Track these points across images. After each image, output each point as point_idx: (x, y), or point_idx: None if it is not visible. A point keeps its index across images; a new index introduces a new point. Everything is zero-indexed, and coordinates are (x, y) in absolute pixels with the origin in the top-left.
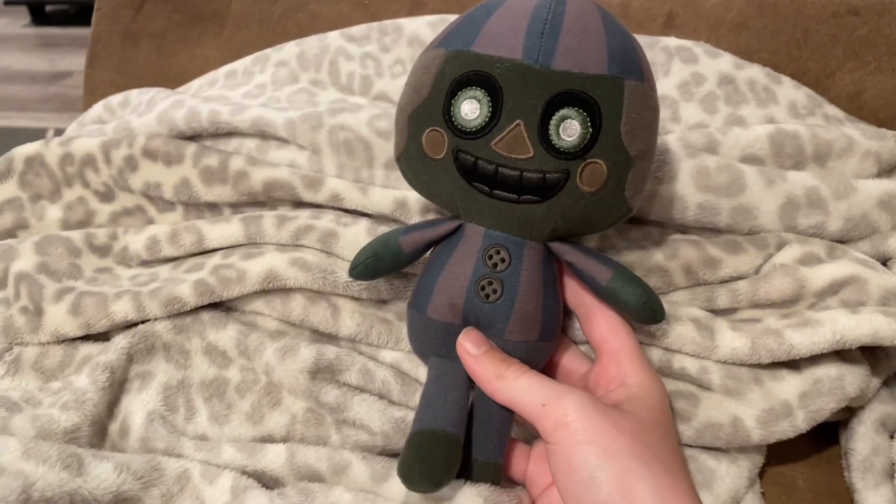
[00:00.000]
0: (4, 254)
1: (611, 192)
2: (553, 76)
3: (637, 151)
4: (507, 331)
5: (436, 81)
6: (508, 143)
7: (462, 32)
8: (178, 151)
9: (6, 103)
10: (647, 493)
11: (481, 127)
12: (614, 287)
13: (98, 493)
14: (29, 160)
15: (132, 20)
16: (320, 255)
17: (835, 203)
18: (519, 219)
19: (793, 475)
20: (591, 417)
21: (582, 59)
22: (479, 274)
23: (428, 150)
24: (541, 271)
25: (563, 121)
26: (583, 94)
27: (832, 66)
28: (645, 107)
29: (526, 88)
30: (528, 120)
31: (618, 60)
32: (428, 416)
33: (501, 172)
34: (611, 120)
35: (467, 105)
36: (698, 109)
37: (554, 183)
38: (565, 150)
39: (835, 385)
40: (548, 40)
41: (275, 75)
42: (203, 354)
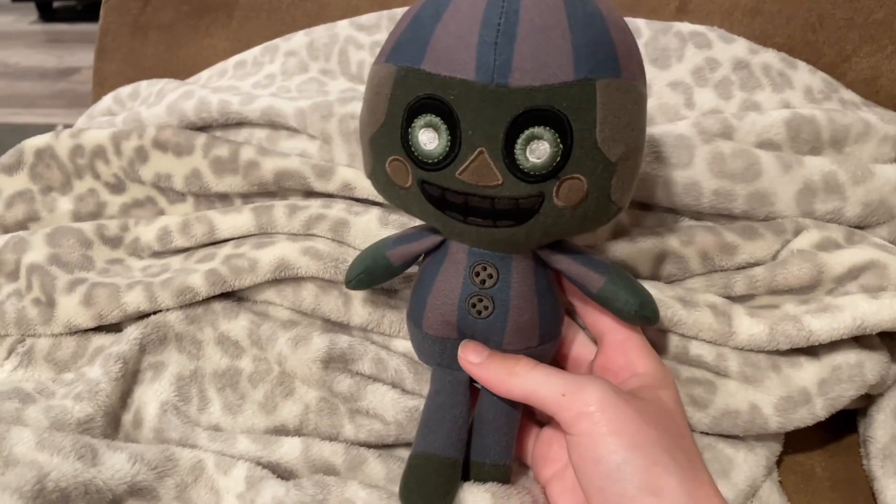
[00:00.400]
0: (16, 246)
1: (595, 201)
2: (512, 95)
3: (619, 155)
4: (505, 342)
5: (390, 105)
6: (473, 172)
7: (411, 42)
8: (189, 142)
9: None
10: (674, 483)
11: (442, 157)
12: (606, 295)
13: (112, 483)
14: (39, 152)
15: (141, 12)
16: (332, 244)
17: (852, 188)
18: (499, 240)
19: (811, 463)
20: (614, 407)
21: (543, 67)
22: (467, 292)
23: (394, 179)
24: (532, 281)
25: (530, 142)
26: (548, 109)
27: (848, 51)
28: (623, 104)
29: (484, 112)
30: (490, 146)
31: (586, 59)
32: (428, 439)
33: (471, 201)
34: (584, 130)
35: (424, 134)
36: (713, 95)
37: (528, 207)
38: (536, 171)
39: (854, 372)
40: (502, 51)
41: (284, 65)
42: (215, 344)
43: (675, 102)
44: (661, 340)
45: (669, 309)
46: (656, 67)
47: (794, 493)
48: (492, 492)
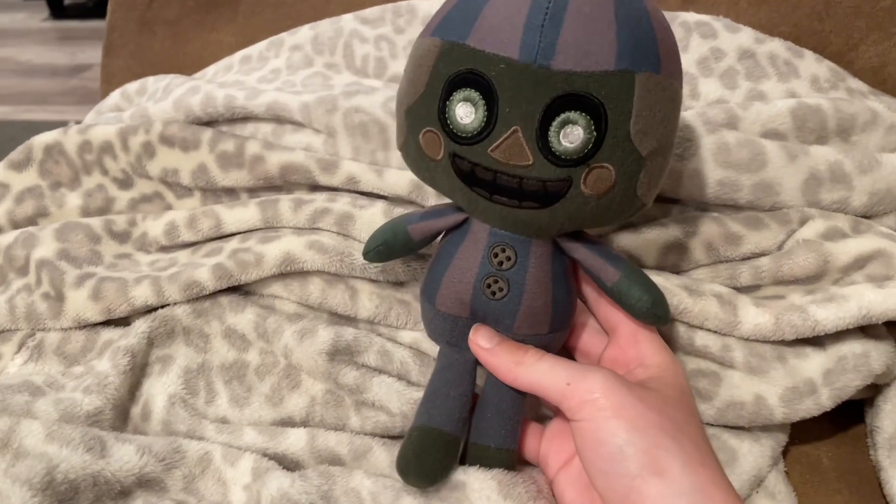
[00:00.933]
0: (26, 241)
1: (620, 193)
2: (553, 77)
3: (650, 150)
4: (516, 326)
5: (431, 78)
6: (505, 150)
7: (458, 19)
8: (195, 137)
9: (27, 97)
10: (677, 467)
11: (477, 132)
12: (620, 289)
13: (121, 474)
14: (48, 148)
15: (147, 8)
16: (337, 237)
17: (859, 177)
18: (523, 221)
19: (817, 454)
20: (617, 393)
21: (586, 54)
22: (484, 272)
23: (426, 150)
24: (549, 267)
25: (565, 126)
26: (586, 95)
27: (855, 39)
28: (660, 100)
29: (523, 92)
30: (525, 126)
31: (629, 51)
32: (429, 412)
33: (500, 179)
34: (619, 120)
35: (462, 108)
36: (718, 85)
37: (556, 191)
38: (567, 156)
39: (860, 362)
40: (548, 34)
41: (289, 59)
42: (222, 338)
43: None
44: (668, 330)
45: (675, 297)
46: None
47: (800, 484)
48: (498, 479)
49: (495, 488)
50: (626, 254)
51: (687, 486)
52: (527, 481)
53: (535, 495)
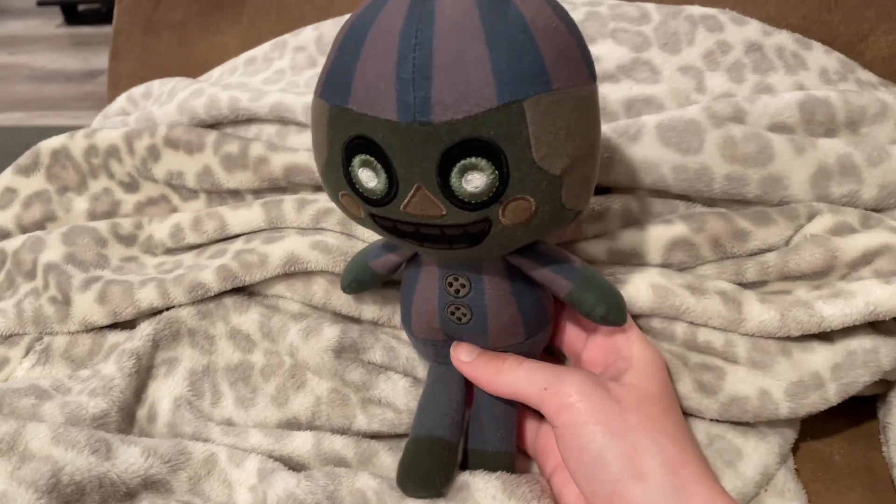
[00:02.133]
0: (33, 245)
1: (547, 213)
2: (437, 131)
3: (564, 167)
4: (491, 342)
5: (329, 144)
6: (416, 206)
7: (336, 78)
8: (199, 139)
9: (42, 103)
10: (657, 467)
11: (384, 193)
12: (573, 300)
13: (126, 476)
14: (55, 153)
15: (153, 11)
16: (341, 237)
17: (869, 170)
18: (462, 257)
19: (829, 451)
20: (592, 397)
21: (463, 98)
22: (444, 301)
23: (349, 209)
24: (506, 285)
25: (465, 173)
26: (475, 140)
27: (865, 29)
28: (559, 117)
29: (413, 151)
30: (426, 182)
31: (510, 80)
32: (421, 423)
33: (422, 230)
34: (518, 153)
35: (363, 173)
36: (725, 78)
37: (477, 231)
38: (477, 199)
39: (869, 357)
40: (420, 87)
41: (293, 60)
42: (227, 339)
43: (685, 87)
44: (670, 328)
45: (678, 297)
46: (666, 52)
47: (811, 481)
48: (502, 479)
49: (500, 488)
50: (631, 251)
51: (668, 488)
52: (531, 481)
53: (539, 494)
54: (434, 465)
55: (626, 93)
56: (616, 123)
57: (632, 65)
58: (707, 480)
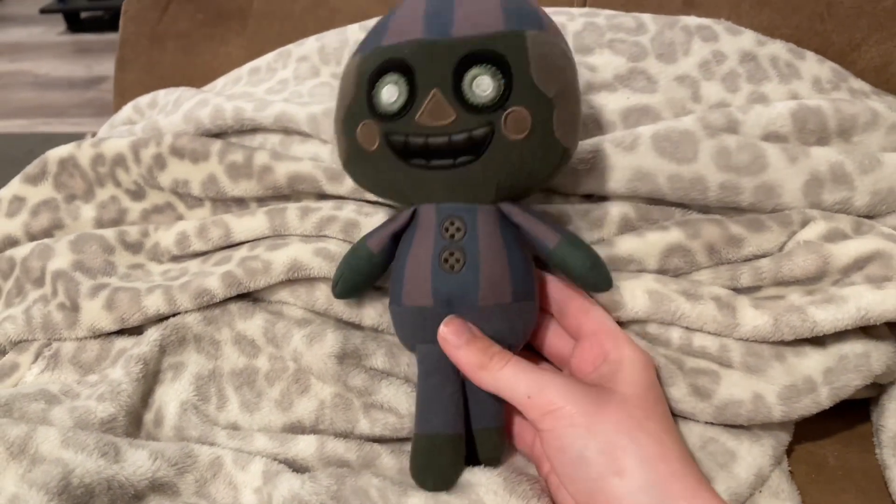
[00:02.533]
0: (42, 253)
1: (540, 135)
2: (455, 43)
3: (555, 92)
4: (480, 297)
5: (356, 81)
6: (430, 112)
7: (372, 36)
8: (205, 148)
9: (46, 110)
10: (635, 464)
11: (403, 105)
12: (561, 252)
13: (134, 479)
14: (63, 162)
15: (158, 22)
16: (343, 244)
17: (860, 178)
18: (462, 183)
19: (823, 453)
20: (574, 401)
21: (478, 22)
22: (439, 248)
23: (364, 144)
24: (499, 233)
25: (475, 79)
26: (487, 51)
27: (858, 39)
28: (551, 51)
29: (434, 60)
30: (442, 86)
31: (514, 16)
32: (428, 420)
33: (431, 142)
34: (520, 68)
35: (386, 91)
36: (720, 88)
37: (481, 138)
38: (484, 104)
39: (860, 362)
40: (443, 16)
41: (297, 70)
42: (233, 344)
43: (681, 96)
44: (666, 333)
45: (673, 303)
46: (662, 62)
47: (805, 484)
48: (504, 476)
49: (501, 484)
50: (628, 257)
51: (645, 482)
52: (531, 479)
53: (539, 493)
54: (448, 461)
55: (623, 103)
56: (613, 134)
57: (629, 74)
58: (687, 473)
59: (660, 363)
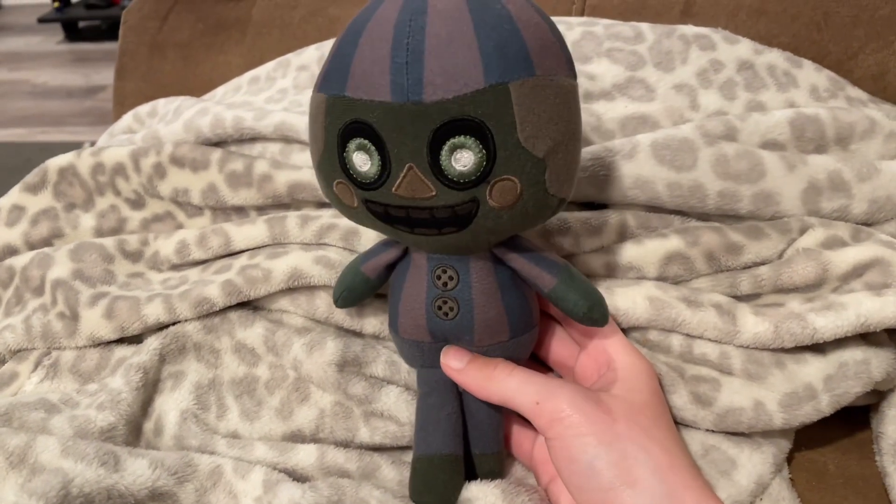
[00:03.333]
0: (41, 262)
1: (532, 197)
2: (428, 111)
3: (547, 150)
4: (476, 339)
5: (326, 133)
6: (407, 187)
7: (335, 71)
8: (205, 157)
9: (44, 119)
10: (647, 474)
11: (378, 176)
12: (557, 295)
13: (134, 488)
14: (62, 171)
15: (158, 31)
16: (343, 252)
17: (858, 185)
18: (451, 245)
19: (823, 460)
20: (583, 410)
21: (453, 79)
22: (432, 295)
23: (343, 199)
24: (493, 279)
25: (454, 152)
26: (464, 119)
27: (854, 48)
28: (543, 100)
29: (405, 130)
30: (417, 161)
31: (496, 63)
32: (426, 441)
33: (413, 213)
34: (504, 133)
35: (358, 157)
36: (717, 96)
37: (466, 213)
38: (465, 178)
39: (860, 369)
40: (413, 70)
41: (296, 79)
42: (233, 353)
43: (679, 105)
44: (667, 340)
45: (674, 310)
46: (661, 70)
47: (806, 491)
48: (501, 488)
49: (499, 496)
50: (628, 265)
51: (658, 493)
52: (529, 490)
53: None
54: (446, 482)
55: (622, 111)
56: (612, 142)
57: (627, 83)
58: (696, 484)
59: (661, 371)
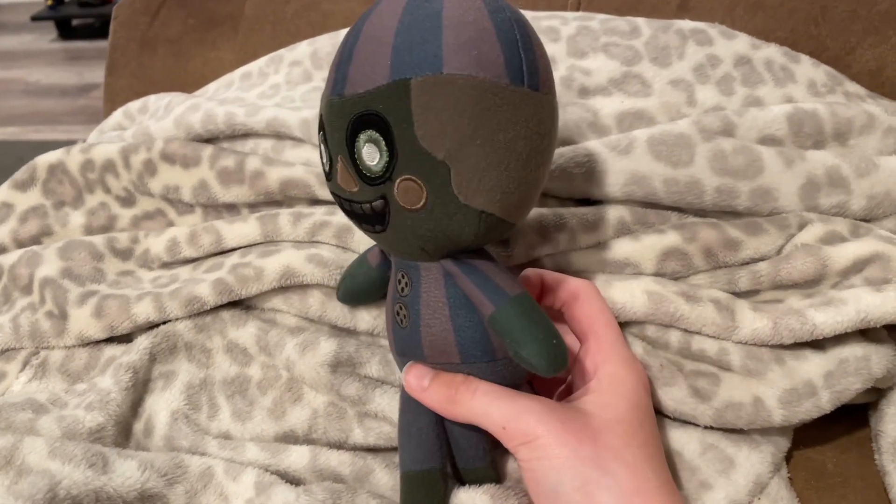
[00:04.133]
0: (30, 260)
1: (439, 202)
2: (346, 104)
3: (446, 152)
4: (426, 355)
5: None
6: (341, 179)
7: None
8: (196, 154)
9: (37, 117)
10: (609, 499)
11: (328, 168)
12: (493, 326)
13: (123, 490)
14: (51, 168)
15: (149, 27)
16: (336, 250)
17: (857, 181)
18: (389, 246)
19: (822, 459)
20: (552, 432)
21: (367, 76)
22: (394, 299)
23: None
24: (442, 293)
25: (365, 146)
26: (368, 112)
27: (852, 43)
28: (443, 98)
29: (333, 124)
30: (343, 154)
31: (404, 59)
32: (409, 457)
33: (353, 208)
34: (402, 129)
35: (322, 151)
36: (714, 92)
37: (380, 210)
38: (375, 174)
39: (860, 365)
40: (344, 67)
41: (289, 75)
42: (224, 352)
43: (676, 100)
44: (665, 335)
45: (672, 304)
46: (657, 66)
47: (804, 490)
48: (490, 493)
49: (488, 501)
50: (624, 260)
51: None
52: (518, 493)
53: None
54: (433, 495)
55: (618, 107)
56: (608, 138)
57: (623, 78)
58: None
59: (660, 364)
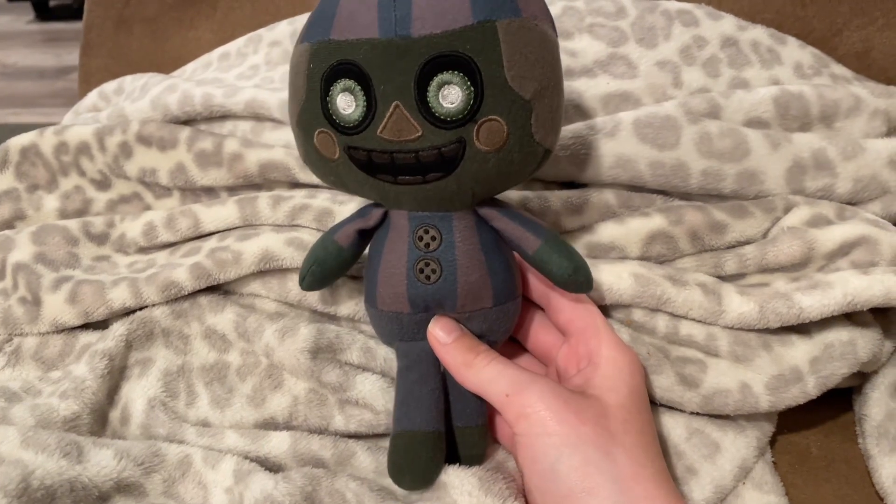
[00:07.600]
0: (2, 245)
1: (517, 141)
2: (415, 45)
3: (533, 92)
4: (459, 304)
5: (308, 81)
6: (392, 128)
7: (320, 20)
8: (172, 136)
9: (15, 100)
10: (607, 482)
11: (362, 118)
12: (541, 257)
13: (98, 479)
14: (24, 151)
15: (125, 5)
16: (316, 234)
17: (843, 164)
18: (435, 197)
19: (806, 443)
20: (552, 408)
21: (441, 15)
22: (413, 258)
23: (324, 153)
24: (476, 239)
25: (441, 88)
26: (452, 54)
27: (839, 24)
28: (529, 42)
29: (392, 67)
30: (404, 99)
31: (483, 3)
32: (407, 416)
33: (397, 159)
34: (492, 70)
35: (342, 99)
36: (701, 73)
37: (452, 155)
38: (453, 117)
39: (846, 349)
40: (401, 6)
41: (268, 55)
42: (202, 339)
43: (662, 82)
44: (652, 320)
45: (659, 287)
46: (643, 47)
47: (788, 474)
48: (479, 476)
49: (476, 485)
50: (610, 244)
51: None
52: (507, 478)
53: (516, 493)
54: (427, 460)
55: (604, 89)
56: (594, 120)
57: (609, 60)
58: (660, 493)
59: (647, 351)
